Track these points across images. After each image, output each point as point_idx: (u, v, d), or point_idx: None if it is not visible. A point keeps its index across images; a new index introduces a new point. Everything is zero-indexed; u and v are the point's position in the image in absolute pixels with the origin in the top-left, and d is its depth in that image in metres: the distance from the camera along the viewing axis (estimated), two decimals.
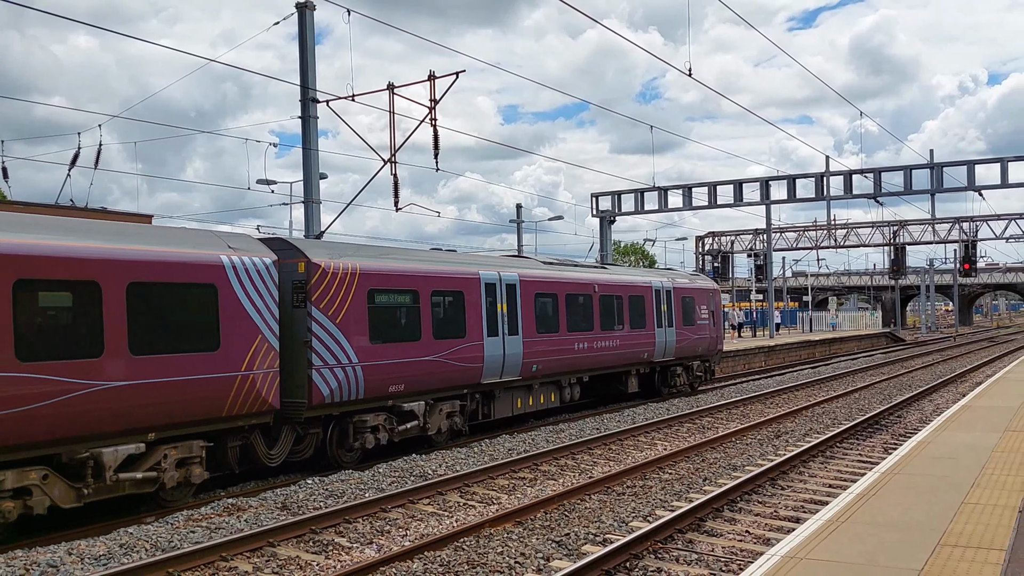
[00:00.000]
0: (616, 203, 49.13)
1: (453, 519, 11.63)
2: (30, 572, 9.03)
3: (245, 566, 9.40)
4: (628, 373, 24.14)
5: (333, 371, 14.45)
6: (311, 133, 22.59)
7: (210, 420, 12.45)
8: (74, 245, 10.83)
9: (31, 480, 10.33)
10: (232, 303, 12.73)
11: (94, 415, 10.80)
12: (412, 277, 16.58)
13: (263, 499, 12.58)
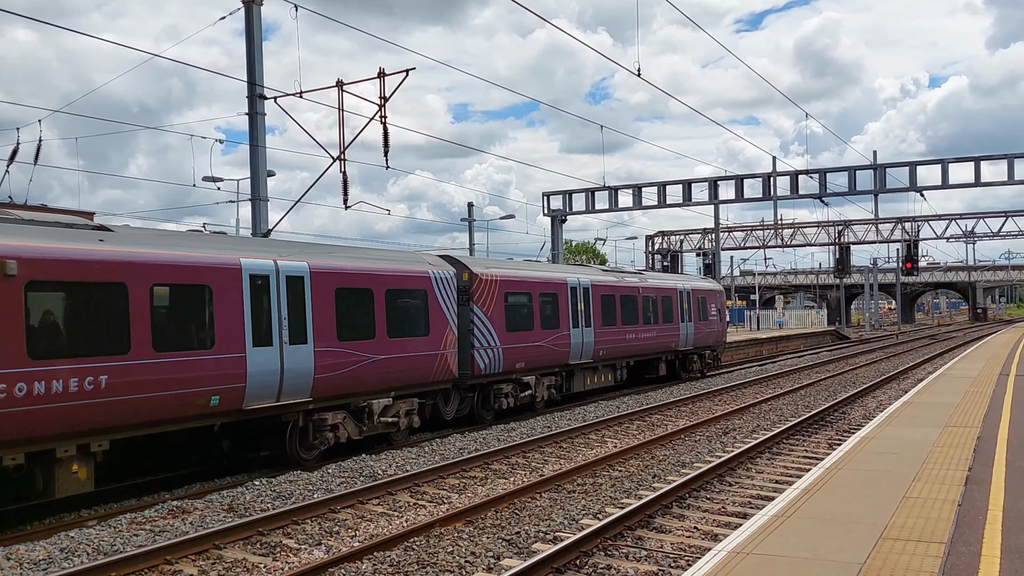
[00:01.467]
0: (567, 202, 49.34)
1: (403, 519, 11.57)
2: None
3: (190, 569, 9.23)
4: (659, 359, 29.64)
5: (486, 351, 19.96)
6: (258, 130, 22.24)
7: (422, 384, 18.04)
8: (365, 266, 16.75)
9: (339, 419, 15.63)
10: (435, 303, 18.34)
11: (369, 378, 16.30)
12: (530, 283, 22.09)
13: (209, 501, 12.38)
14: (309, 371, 14.82)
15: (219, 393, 13.17)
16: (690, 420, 20.77)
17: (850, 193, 42.50)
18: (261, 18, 22.14)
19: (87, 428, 11.34)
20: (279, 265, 14.62)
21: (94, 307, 11.63)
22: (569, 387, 23.87)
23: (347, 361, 15.74)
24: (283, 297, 14.59)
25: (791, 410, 22.42)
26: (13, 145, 21.77)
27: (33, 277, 10.81)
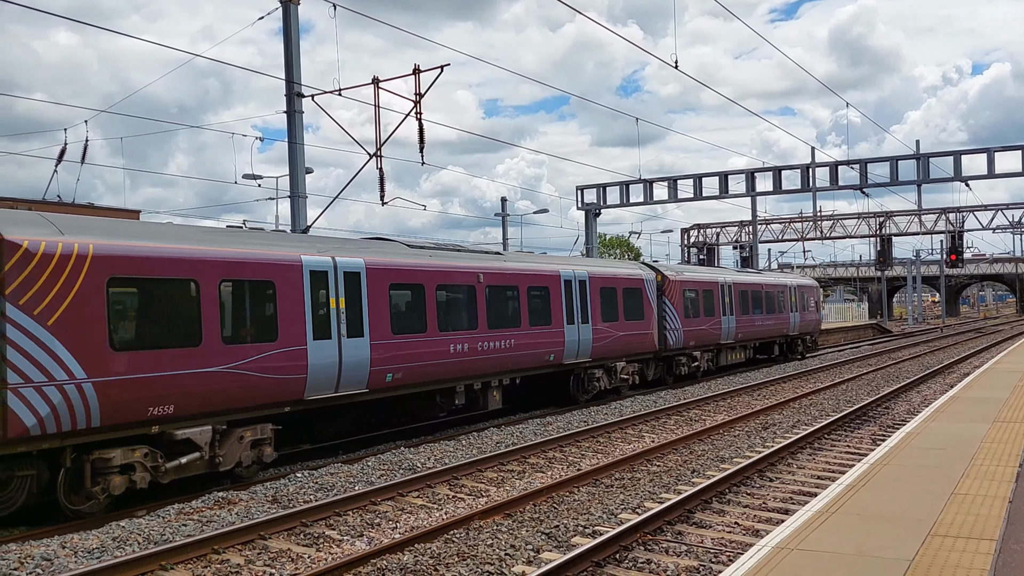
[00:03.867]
0: (601, 196, 49.18)
1: (443, 511, 11.66)
2: (24, 565, 9.00)
3: (237, 559, 9.39)
4: (774, 342, 36.69)
5: (672, 332, 26.93)
6: (296, 128, 22.47)
7: (641, 354, 25.53)
8: (609, 271, 24.66)
9: (599, 374, 23.14)
10: (647, 298, 25.77)
11: (615, 348, 24.04)
12: (699, 283, 29.06)
13: (253, 492, 12.57)
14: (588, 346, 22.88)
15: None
16: (728, 415, 20.63)
17: (892, 184, 41.86)
18: (298, 17, 22.36)
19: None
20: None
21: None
22: (717, 361, 30.90)
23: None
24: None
25: (832, 405, 22.18)
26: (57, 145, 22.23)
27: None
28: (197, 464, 12.71)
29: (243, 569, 9.14)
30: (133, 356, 11.65)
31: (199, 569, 9.09)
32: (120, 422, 11.53)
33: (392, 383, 16.13)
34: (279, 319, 13.84)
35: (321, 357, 14.47)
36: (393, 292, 16.27)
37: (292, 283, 14.14)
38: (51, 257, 10.89)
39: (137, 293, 12.00)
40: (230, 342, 12.99)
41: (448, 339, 17.45)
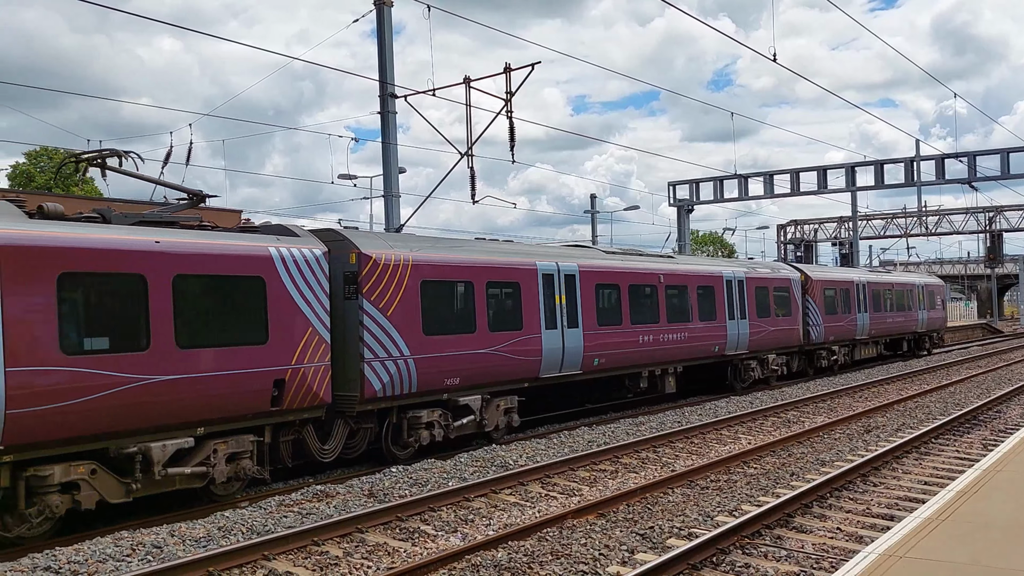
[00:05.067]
0: (694, 191, 48.44)
1: (535, 509, 11.66)
2: (136, 552, 9.42)
3: (336, 551, 9.60)
4: (903, 339, 38.47)
5: (814, 328, 29.10)
6: (390, 128, 22.86)
7: (788, 348, 28.00)
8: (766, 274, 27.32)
9: (753, 364, 25.31)
10: (793, 296, 27.88)
11: (766, 342, 26.43)
12: (836, 282, 31.31)
13: (350, 486, 12.84)
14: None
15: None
16: (829, 417, 20.03)
17: (1003, 177, 39.95)
18: (392, 19, 22.72)
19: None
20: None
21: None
22: (852, 356, 32.89)
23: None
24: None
25: (939, 408, 21.28)
26: (161, 148, 23.17)
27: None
28: (470, 425, 16.06)
29: (341, 561, 9.34)
30: (436, 340, 15.17)
31: (300, 560, 9.32)
32: (427, 389, 15.08)
33: (597, 367, 19.40)
34: (523, 312, 17.27)
35: (551, 343, 17.83)
36: (598, 291, 19.49)
37: (530, 284, 17.57)
38: (388, 265, 14.43)
39: (437, 291, 15.48)
40: (493, 330, 16.45)
41: (637, 331, 20.55)
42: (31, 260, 9.98)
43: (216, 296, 12.02)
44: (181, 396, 11.26)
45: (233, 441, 12.15)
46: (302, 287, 13.03)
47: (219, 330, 11.90)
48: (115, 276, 10.83)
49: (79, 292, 10.51)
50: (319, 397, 13.20)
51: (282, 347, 12.65)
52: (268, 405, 12.46)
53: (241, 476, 12.38)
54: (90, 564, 9.05)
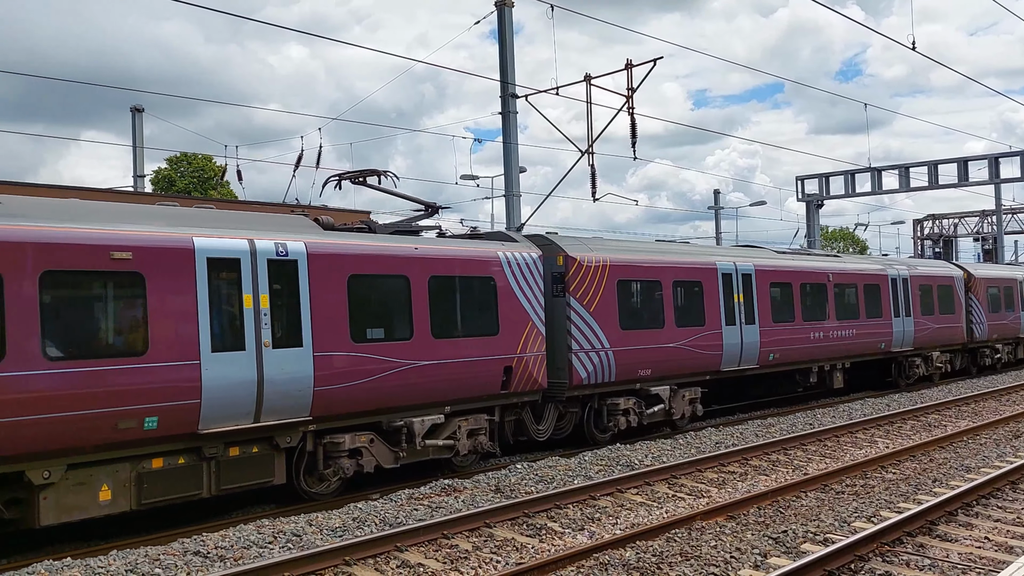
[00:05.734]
0: (824, 186, 46.80)
1: (663, 510, 11.54)
2: (277, 539, 9.86)
3: (465, 544, 9.78)
4: None
5: (979, 326, 29.21)
6: (511, 128, 23.02)
7: (951, 346, 28.17)
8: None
9: (918, 361, 25.33)
10: (957, 295, 28.11)
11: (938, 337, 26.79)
12: (998, 280, 30.90)
13: (476, 481, 13.04)
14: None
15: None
16: (973, 421, 18.99)
17: None
18: (513, 20, 22.92)
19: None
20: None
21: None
22: (1016, 354, 32.63)
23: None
24: None
25: None
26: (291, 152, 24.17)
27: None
28: (659, 413, 17.52)
29: (471, 555, 9.50)
30: (631, 334, 16.75)
31: (430, 552, 9.54)
32: (623, 379, 16.64)
33: (772, 362, 20.47)
34: (705, 309, 18.48)
35: (730, 338, 19.03)
36: (772, 289, 20.57)
37: (711, 282, 18.76)
38: (589, 266, 16.05)
39: (631, 290, 16.98)
40: (679, 325, 17.75)
41: (808, 328, 21.52)
42: (328, 264, 12.14)
43: (459, 294, 13.97)
44: (435, 379, 13.35)
45: (472, 419, 14.19)
46: (523, 286, 14.88)
47: (462, 323, 13.92)
48: (387, 278, 12.99)
49: (362, 291, 12.55)
50: (538, 382, 15.11)
51: (510, 338, 14.55)
52: (499, 388, 14.45)
53: (478, 450, 14.41)
54: (235, 550, 9.53)
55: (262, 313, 11.35)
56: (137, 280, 10.35)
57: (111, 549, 9.83)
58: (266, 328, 11.36)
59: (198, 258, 10.86)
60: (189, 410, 10.58)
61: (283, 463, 11.84)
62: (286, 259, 11.71)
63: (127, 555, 9.31)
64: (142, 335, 10.35)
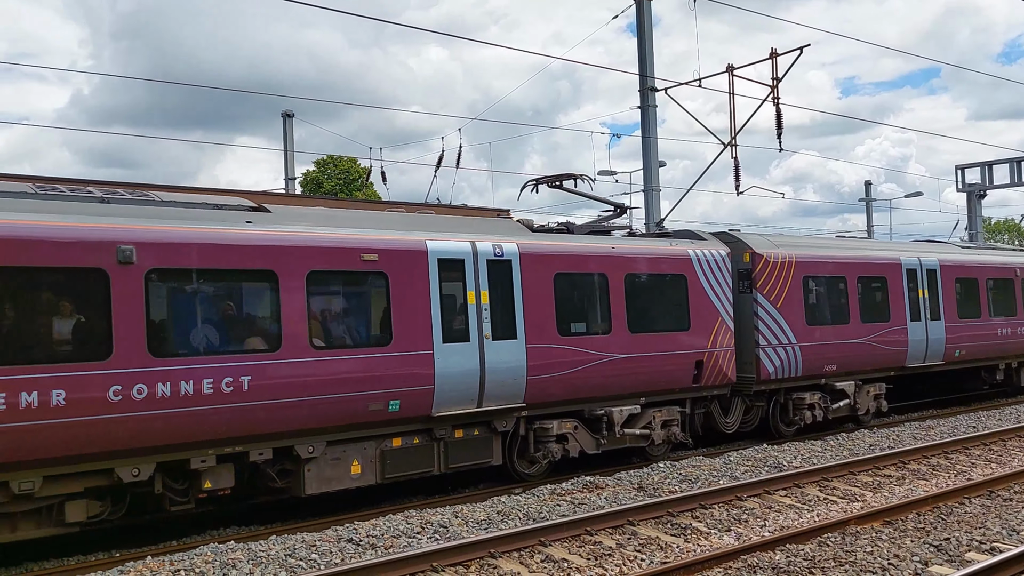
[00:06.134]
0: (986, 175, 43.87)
1: (814, 513, 11.14)
2: (425, 530, 10.15)
3: (608, 542, 9.75)
4: None
5: None
6: (650, 122, 22.81)
7: None
8: None
9: None
10: None
11: None
12: None
13: (618, 479, 12.98)
14: None
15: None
16: None
17: None
18: (651, 13, 22.66)
19: None
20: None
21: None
22: None
23: None
24: None
25: None
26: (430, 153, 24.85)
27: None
28: (844, 408, 17.80)
29: (615, 552, 9.46)
30: (817, 329, 17.03)
31: (574, 548, 9.56)
32: (809, 374, 16.96)
33: (957, 358, 20.35)
34: (890, 305, 18.62)
35: (915, 334, 19.08)
36: (957, 284, 20.49)
37: (895, 278, 18.82)
38: (775, 263, 16.45)
39: (816, 285, 17.38)
40: (864, 321, 17.90)
41: (996, 324, 21.41)
42: (537, 264, 13.22)
43: (653, 290, 14.75)
44: (632, 371, 14.14)
45: (665, 411, 14.93)
46: (712, 283, 15.43)
47: (656, 318, 14.65)
48: (588, 275, 13.90)
49: (566, 288, 13.56)
50: (727, 377, 15.64)
51: (700, 334, 15.14)
52: (690, 382, 15.07)
53: (671, 440, 15.07)
54: (385, 539, 9.87)
55: (483, 308, 12.54)
56: (382, 279, 11.68)
57: (271, 534, 10.39)
58: (486, 322, 12.54)
59: (431, 259, 12.16)
60: (425, 395, 11.88)
61: (500, 445, 13.01)
62: (502, 259, 12.87)
63: (285, 540, 9.81)
64: (387, 327, 11.63)
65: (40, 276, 9.37)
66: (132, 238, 9.82)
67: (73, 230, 9.52)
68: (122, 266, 9.69)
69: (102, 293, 9.59)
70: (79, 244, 9.50)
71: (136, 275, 9.79)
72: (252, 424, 10.44)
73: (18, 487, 9.14)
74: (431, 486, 13.30)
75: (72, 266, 9.47)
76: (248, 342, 10.59)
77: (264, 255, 10.68)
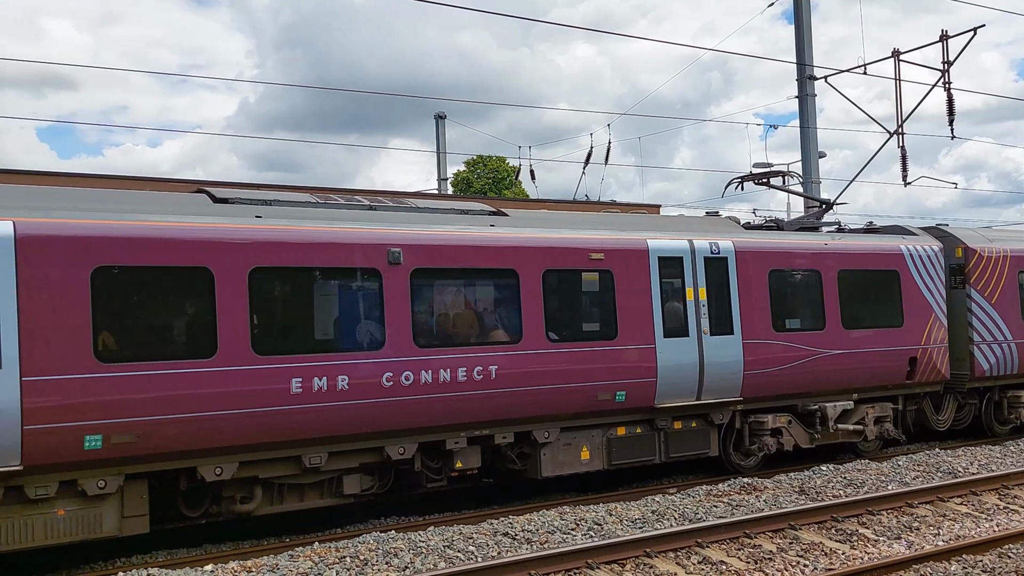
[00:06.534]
0: None
1: (993, 523, 10.41)
2: (579, 527, 10.18)
3: (769, 545, 9.46)
4: None
5: None
6: (808, 112, 22.01)
7: None
8: None
9: None
10: None
11: None
12: None
13: (778, 481, 12.59)
14: None
15: None
16: None
17: None
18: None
19: None
20: None
21: None
22: None
23: None
24: None
25: None
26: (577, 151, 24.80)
27: None
28: None
29: (775, 556, 9.16)
30: None
31: (732, 551, 9.32)
32: (1018, 372, 16.65)
33: None
34: None
35: None
36: None
37: None
38: (989, 258, 16.21)
39: None
40: None
41: None
42: (752, 260, 13.57)
43: (865, 287, 14.83)
44: (845, 367, 14.30)
45: (878, 407, 15.02)
46: (925, 278, 15.39)
47: (869, 315, 14.75)
48: (801, 272, 14.18)
49: (780, 284, 13.86)
50: (940, 374, 15.56)
51: (913, 330, 15.12)
52: (903, 378, 15.12)
53: (884, 436, 15.18)
54: (540, 534, 9.95)
55: (700, 304, 12.99)
56: (608, 276, 12.36)
57: (428, 525, 10.70)
58: (704, 318, 13.02)
59: (651, 257, 12.74)
60: (648, 387, 12.49)
61: (716, 437, 13.43)
62: (718, 256, 13.30)
63: (443, 531, 10.06)
64: (613, 322, 12.29)
65: (324, 276, 10.63)
66: (400, 241, 10.94)
67: (352, 235, 10.71)
68: (391, 266, 10.80)
69: (377, 291, 10.72)
70: (358, 247, 10.68)
71: (403, 274, 10.88)
72: (497, 409, 11.42)
73: (308, 461, 10.39)
74: (581, 483, 13.29)
75: (351, 267, 10.65)
76: (494, 334, 11.60)
77: (507, 255, 11.62)
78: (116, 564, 10.08)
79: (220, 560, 9.54)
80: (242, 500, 10.35)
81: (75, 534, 9.22)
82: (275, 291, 10.35)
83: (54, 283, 8.98)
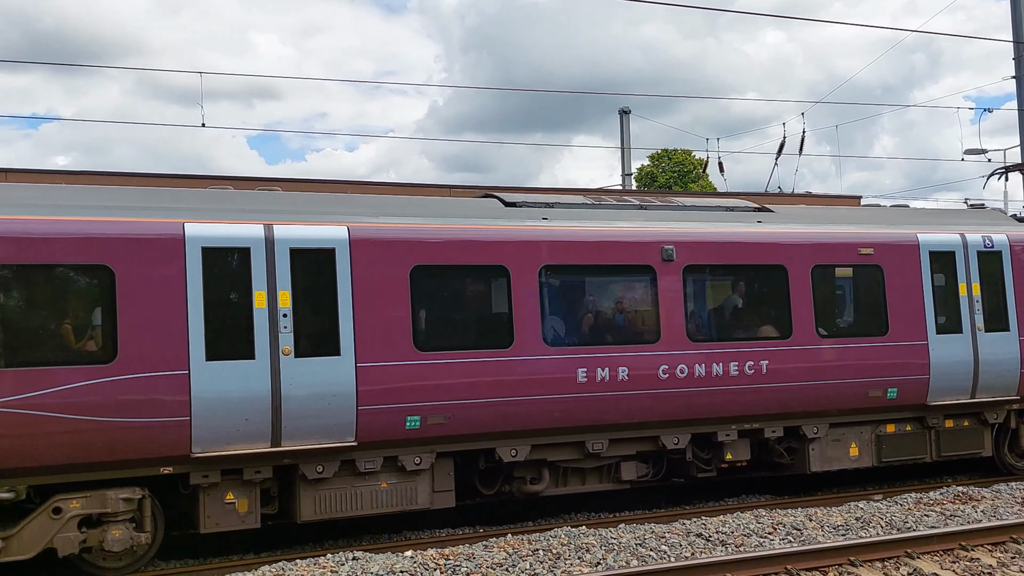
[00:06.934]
0: None
1: None
2: (777, 531, 9.84)
3: (988, 559, 8.77)
4: None
5: None
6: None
7: None
8: None
9: None
10: None
11: None
12: None
13: (997, 491, 11.68)
14: None
15: None
16: None
17: None
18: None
19: None
20: None
21: None
22: None
23: None
24: None
25: None
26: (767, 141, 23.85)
27: None
28: None
29: (995, 572, 8.48)
30: None
31: (946, 563, 8.71)
32: None
33: None
34: None
35: None
36: None
37: None
38: None
39: None
40: None
41: None
42: None
43: None
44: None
45: None
46: None
47: None
48: None
49: None
50: None
51: None
52: None
53: None
54: (735, 536, 9.71)
55: (974, 300, 12.78)
56: (877, 271, 12.32)
57: (620, 523, 10.70)
58: (978, 314, 12.74)
59: (922, 252, 12.59)
60: (920, 384, 12.35)
61: (990, 437, 13.07)
62: (992, 250, 13.03)
63: (635, 530, 10.03)
64: (884, 318, 12.25)
65: (603, 273, 11.30)
66: (672, 238, 11.33)
67: (628, 233, 11.22)
68: (665, 263, 11.20)
69: (651, 287, 11.19)
70: (634, 245, 11.18)
71: (676, 271, 11.27)
72: (767, 403, 11.59)
73: (591, 447, 10.99)
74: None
75: (628, 264, 11.21)
76: (764, 329, 11.83)
77: (776, 251, 11.78)
78: (324, 546, 10.77)
79: (419, 547, 9.98)
80: (531, 481, 11.06)
81: (395, 505, 10.32)
82: (561, 287, 11.11)
83: (381, 280, 10.08)
